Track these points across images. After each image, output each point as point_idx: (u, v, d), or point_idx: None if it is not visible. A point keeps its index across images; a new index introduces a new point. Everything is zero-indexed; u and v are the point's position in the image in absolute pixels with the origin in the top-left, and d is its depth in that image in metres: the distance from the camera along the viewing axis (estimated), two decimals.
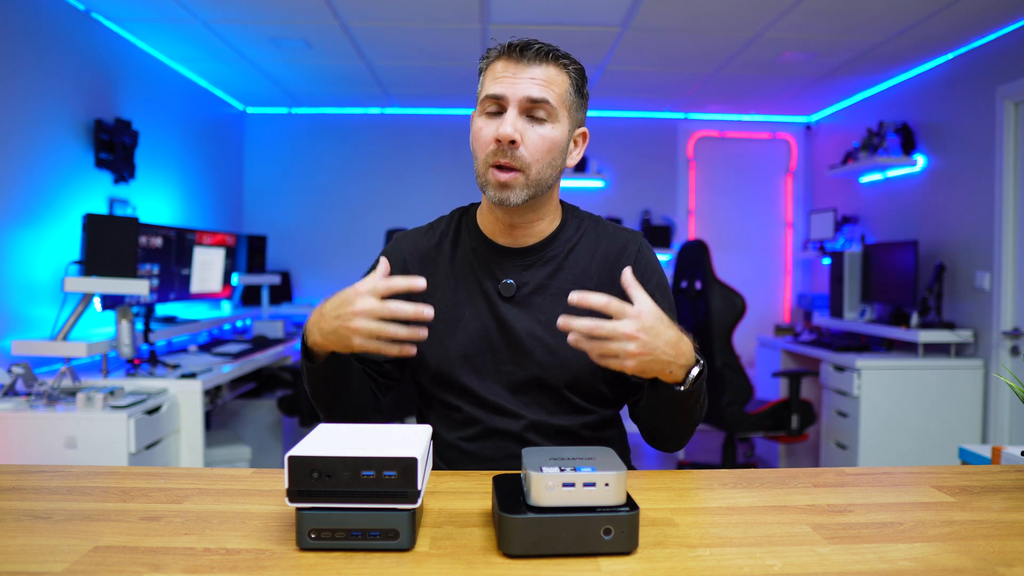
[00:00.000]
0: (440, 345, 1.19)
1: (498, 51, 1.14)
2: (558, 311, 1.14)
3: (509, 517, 0.74)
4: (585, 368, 1.17)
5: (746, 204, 5.30)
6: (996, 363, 3.37)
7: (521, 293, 1.20)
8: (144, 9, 3.16)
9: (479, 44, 3.65)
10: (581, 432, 1.21)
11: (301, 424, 3.60)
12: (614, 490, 0.76)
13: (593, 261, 1.22)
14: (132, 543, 0.77)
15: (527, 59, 1.11)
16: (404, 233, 1.31)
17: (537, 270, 1.21)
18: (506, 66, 1.12)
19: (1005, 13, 3.10)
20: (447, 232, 1.26)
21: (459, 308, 1.20)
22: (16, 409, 2.28)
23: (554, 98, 1.12)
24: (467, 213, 1.28)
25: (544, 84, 1.11)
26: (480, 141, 1.13)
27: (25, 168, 2.75)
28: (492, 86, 1.12)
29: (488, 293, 1.20)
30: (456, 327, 1.19)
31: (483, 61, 1.17)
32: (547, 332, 1.17)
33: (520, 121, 1.11)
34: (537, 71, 1.11)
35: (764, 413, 3.58)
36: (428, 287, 1.21)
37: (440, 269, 1.23)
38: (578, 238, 1.24)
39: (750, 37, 3.48)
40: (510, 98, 1.11)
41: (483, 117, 1.14)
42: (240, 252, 4.31)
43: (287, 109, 5.15)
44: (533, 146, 1.12)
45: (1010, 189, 3.28)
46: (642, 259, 1.24)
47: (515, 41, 1.13)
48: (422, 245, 1.26)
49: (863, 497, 0.97)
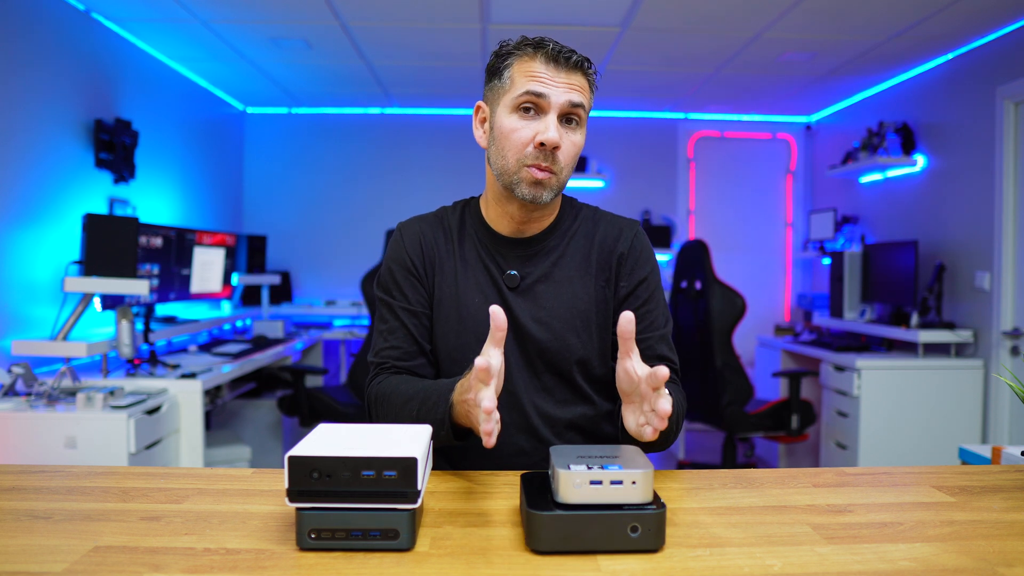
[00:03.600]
0: (452, 332, 1.21)
1: (532, 49, 1.12)
2: (562, 299, 1.21)
3: (537, 514, 0.75)
4: (593, 352, 1.20)
5: (746, 204, 5.30)
6: (996, 363, 3.37)
7: (525, 283, 1.21)
8: (144, 9, 3.16)
9: (479, 44, 3.65)
10: (587, 425, 1.23)
11: (301, 424, 3.59)
12: (641, 488, 0.76)
13: (592, 248, 1.24)
14: (132, 543, 0.77)
15: (568, 66, 1.12)
16: (413, 220, 1.28)
17: (540, 260, 1.23)
18: (545, 67, 1.11)
19: (1005, 13, 3.10)
20: (454, 222, 1.27)
21: (469, 296, 1.21)
22: (16, 409, 2.28)
23: (586, 104, 1.14)
24: (469, 205, 1.29)
25: (580, 91, 1.13)
26: (515, 142, 1.12)
27: (25, 168, 2.75)
28: (532, 84, 1.11)
29: (495, 282, 1.22)
30: (467, 315, 1.21)
31: (507, 56, 1.15)
32: (552, 318, 1.20)
33: (559, 126, 1.12)
34: (573, 78, 1.12)
35: (764, 413, 3.58)
36: (440, 275, 1.23)
37: (450, 259, 1.24)
38: (577, 227, 1.26)
39: (750, 37, 3.48)
40: (553, 101, 1.11)
41: (517, 115, 1.13)
42: (240, 252, 4.31)
43: (287, 109, 5.15)
44: (566, 152, 1.13)
45: (1010, 189, 3.28)
46: (637, 245, 1.25)
47: (548, 42, 1.12)
48: (431, 233, 1.26)
49: (863, 497, 0.97)
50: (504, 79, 1.15)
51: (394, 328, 1.22)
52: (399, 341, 1.22)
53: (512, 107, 1.13)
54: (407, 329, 1.22)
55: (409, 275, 1.23)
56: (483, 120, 1.21)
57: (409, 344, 1.22)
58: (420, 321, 1.22)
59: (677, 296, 3.84)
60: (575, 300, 1.21)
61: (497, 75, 1.16)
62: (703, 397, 3.65)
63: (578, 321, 1.20)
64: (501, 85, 1.15)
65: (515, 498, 0.94)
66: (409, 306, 1.22)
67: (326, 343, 4.90)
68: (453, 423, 1.06)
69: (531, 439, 1.20)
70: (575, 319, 1.20)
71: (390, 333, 1.22)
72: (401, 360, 1.21)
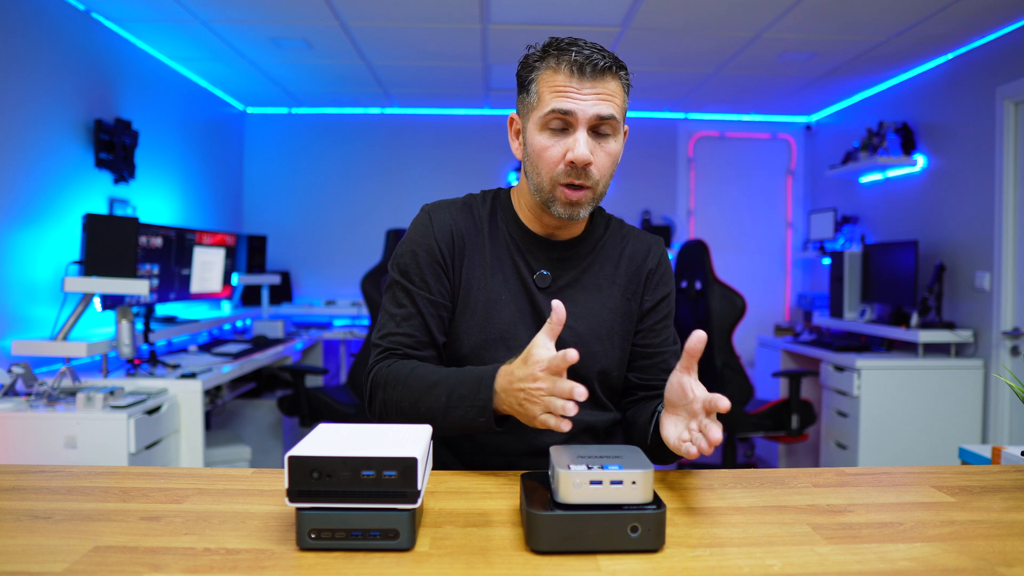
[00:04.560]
0: (478, 326, 1.18)
1: (555, 60, 1.09)
2: (589, 305, 1.21)
3: (537, 514, 0.75)
4: (614, 362, 1.21)
5: (746, 204, 5.30)
6: (996, 363, 3.37)
7: (556, 285, 1.21)
8: (144, 9, 3.16)
9: (479, 44, 3.65)
10: (601, 430, 1.23)
11: (301, 424, 3.59)
12: (641, 488, 0.77)
13: (621, 260, 1.25)
14: (132, 543, 0.77)
15: (594, 74, 1.08)
16: (442, 205, 1.24)
17: (571, 265, 1.22)
18: (570, 79, 1.08)
19: (1005, 13, 3.10)
20: (484, 213, 1.24)
21: (496, 291, 1.19)
22: (16, 409, 2.28)
23: (618, 112, 1.11)
24: (499, 197, 1.26)
25: (609, 99, 1.09)
26: (547, 160, 1.11)
27: (25, 168, 2.75)
28: (558, 101, 1.08)
29: (524, 280, 1.20)
30: (493, 310, 1.19)
31: (532, 68, 1.13)
32: (579, 323, 1.19)
33: (590, 140, 1.09)
34: (600, 86, 1.09)
35: (764, 413, 3.58)
36: (468, 267, 1.20)
37: (479, 251, 1.21)
38: (607, 237, 1.26)
39: (750, 37, 3.48)
40: (580, 117, 1.08)
41: (546, 133, 1.11)
42: (240, 252, 4.31)
43: (287, 109, 5.15)
44: (601, 164, 1.11)
45: (1010, 189, 3.28)
46: (664, 263, 1.28)
47: (572, 49, 1.09)
48: (462, 222, 1.22)
49: (863, 497, 0.97)
50: (532, 94, 1.13)
51: (410, 315, 1.18)
52: (413, 329, 1.18)
53: (541, 125, 1.11)
54: (423, 318, 1.18)
55: (435, 263, 1.19)
56: (517, 132, 1.20)
57: (423, 334, 1.18)
58: (439, 312, 1.19)
59: (677, 296, 3.84)
60: (602, 309, 1.21)
61: (525, 89, 1.14)
62: None
63: (603, 330, 1.20)
64: (529, 100, 1.13)
65: (515, 498, 0.94)
66: (430, 295, 1.18)
67: (326, 343, 4.90)
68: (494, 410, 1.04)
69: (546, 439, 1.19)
70: (601, 327, 1.20)
71: (404, 319, 1.18)
72: (413, 348, 1.17)
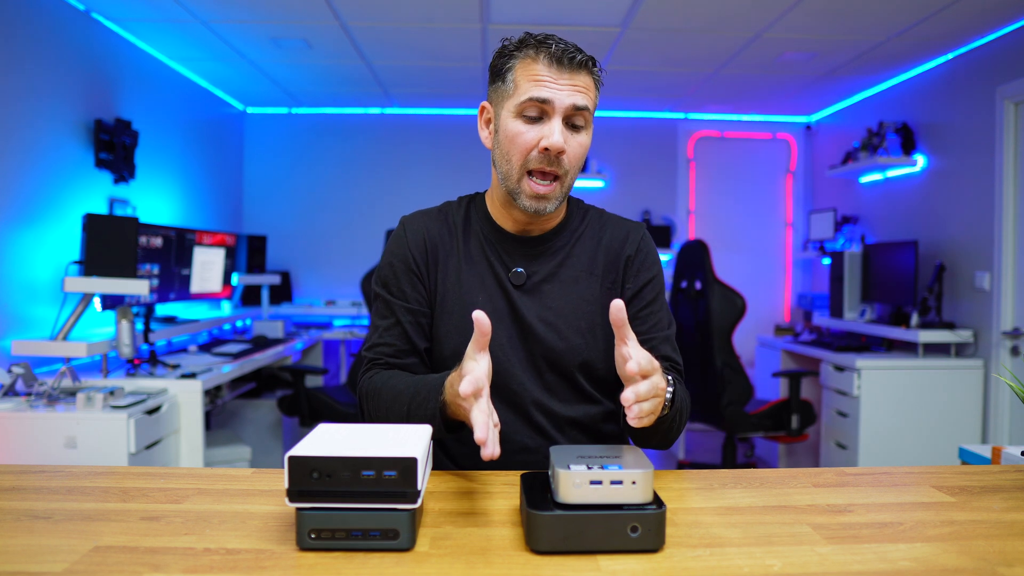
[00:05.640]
0: (456, 329, 1.19)
1: (534, 50, 1.11)
2: (567, 299, 1.20)
3: (537, 514, 0.75)
4: (598, 355, 1.20)
5: (746, 204, 5.30)
6: (996, 363, 3.37)
7: (531, 281, 1.21)
8: (144, 9, 3.16)
9: (479, 44, 3.65)
10: (590, 423, 1.22)
11: (301, 424, 3.59)
12: (641, 488, 0.77)
13: (599, 250, 1.24)
14: (132, 543, 0.77)
15: (572, 66, 1.10)
16: (417, 215, 1.27)
17: (546, 259, 1.22)
18: (548, 69, 1.10)
19: (1005, 13, 3.10)
20: (458, 218, 1.26)
21: (473, 292, 1.20)
22: (16, 409, 2.28)
23: (591, 105, 1.13)
24: (474, 201, 1.28)
25: (584, 92, 1.11)
26: (520, 146, 1.12)
27: (25, 168, 2.75)
28: (536, 89, 1.10)
29: (500, 279, 1.21)
30: (470, 311, 1.18)
31: (509, 57, 1.14)
32: (558, 318, 1.19)
33: (564, 130, 1.11)
34: (576, 78, 1.11)
35: (764, 413, 3.58)
36: (443, 272, 1.22)
37: (454, 254, 1.23)
38: (583, 228, 1.26)
39: (750, 37, 3.48)
40: (556, 105, 1.09)
41: (520, 120, 1.12)
42: (240, 252, 4.31)
43: (287, 109, 5.15)
44: (572, 154, 1.13)
45: (1010, 189, 3.28)
46: (644, 247, 1.26)
47: (550, 42, 1.11)
48: (435, 229, 1.25)
49: (863, 497, 0.97)
50: (508, 82, 1.14)
51: (391, 325, 1.22)
52: (393, 338, 1.21)
53: (516, 112, 1.12)
54: (402, 327, 1.21)
55: (410, 272, 1.22)
56: (488, 121, 1.21)
57: (403, 342, 1.21)
58: (417, 319, 1.22)
59: (677, 296, 3.84)
60: (581, 301, 1.21)
61: (500, 77, 1.15)
62: (703, 397, 3.64)
63: (583, 322, 1.20)
64: (505, 88, 1.14)
65: (515, 498, 0.94)
66: (407, 304, 1.21)
67: (326, 343, 4.90)
68: (446, 417, 1.05)
69: (534, 436, 1.19)
70: (580, 320, 1.20)
71: (386, 330, 1.22)
72: (394, 357, 1.21)
